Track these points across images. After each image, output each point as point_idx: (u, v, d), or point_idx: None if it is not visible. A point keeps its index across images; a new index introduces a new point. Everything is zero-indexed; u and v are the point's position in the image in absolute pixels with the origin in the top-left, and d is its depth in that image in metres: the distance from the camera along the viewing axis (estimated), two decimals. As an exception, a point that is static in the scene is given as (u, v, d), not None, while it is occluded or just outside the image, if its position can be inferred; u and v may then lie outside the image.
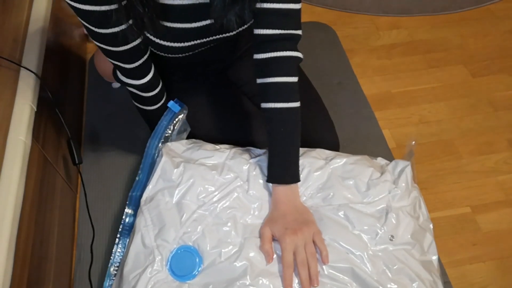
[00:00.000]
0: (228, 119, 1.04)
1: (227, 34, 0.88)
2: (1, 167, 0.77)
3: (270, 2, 0.79)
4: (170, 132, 0.98)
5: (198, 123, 1.02)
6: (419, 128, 1.34)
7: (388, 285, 0.76)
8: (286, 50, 0.82)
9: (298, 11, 0.81)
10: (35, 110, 0.88)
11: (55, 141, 1.03)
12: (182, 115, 0.99)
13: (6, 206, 0.72)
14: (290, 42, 0.83)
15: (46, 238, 0.89)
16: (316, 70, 1.40)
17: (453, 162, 1.27)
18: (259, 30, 0.81)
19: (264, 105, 0.84)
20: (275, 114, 0.83)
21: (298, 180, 0.84)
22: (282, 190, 0.83)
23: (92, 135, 1.25)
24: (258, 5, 0.79)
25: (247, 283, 0.76)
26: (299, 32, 0.83)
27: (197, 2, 0.78)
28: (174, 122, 0.99)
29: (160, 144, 0.96)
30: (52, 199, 0.95)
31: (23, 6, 1.02)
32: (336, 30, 1.58)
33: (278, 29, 0.81)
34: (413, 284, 0.77)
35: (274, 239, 0.81)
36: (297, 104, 0.84)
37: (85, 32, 1.48)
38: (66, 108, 1.14)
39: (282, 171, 0.83)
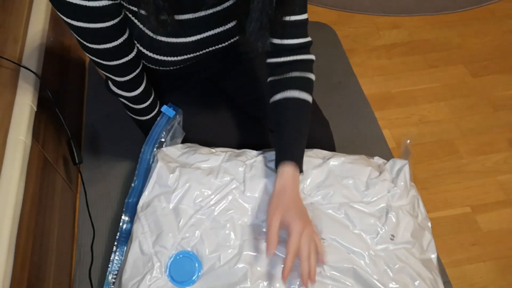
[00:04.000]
0: (222, 124, 1.04)
1: (222, 45, 0.87)
2: (1, 167, 0.77)
3: (292, 15, 0.82)
4: (164, 137, 0.98)
5: (192, 129, 1.02)
6: (419, 128, 1.34)
7: (390, 285, 0.77)
8: (307, 54, 0.88)
9: (308, 20, 0.87)
10: (35, 110, 0.88)
11: (55, 141, 1.03)
12: (177, 119, 0.99)
13: (6, 206, 0.72)
14: (308, 48, 0.89)
15: (46, 238, 0.89)
16: (316, 70, 1.39)
17: (453, 162, 1.27)
18: (282, 40, 0.85)
19: (284, 94, 0.86)
20: (296, 103, 0.86)
21: (302, 171, 0.84)
22: (291, 171, 0.81)
23: (92, 135, 1.25)
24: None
25: (248, 287, 0.75)
26: (310, 38, 0.89)
27: (193, 17, 0.78)
28: (169, 127, 0.98)
29: (155, 150, 0.96)
30: (52, 199, 0.95)
31: (23, 6, 1.02)
32: (336, 30, 1.58)
33: (300, 38, 0.86)
34: (415, 283, 0.78)
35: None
36: (311, 101, 0.88)
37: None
38: (66, 108, 1.14)
39: (293, 150, 0.84)
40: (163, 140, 0.98)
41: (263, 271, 0.78)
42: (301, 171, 0.84)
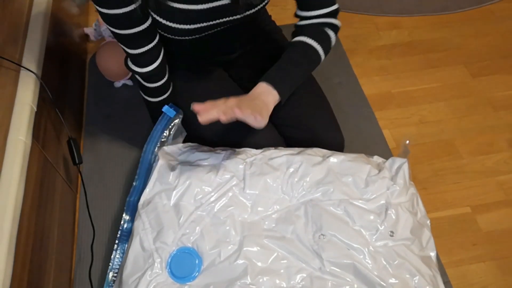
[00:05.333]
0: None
1: (233, 17, 0.89)
2: (1, 167, 0.77)
3: None
4: (165, 136, 0.98)
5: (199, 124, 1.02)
6: (419, 128, 1.34)
7: (389, 280, 0.77)
8: (331, 19, 0.91)
9: None
10: (35, 110, 0.88)
11: (55, 141, 1.03)
12: (178, 119, 0.99)
13: (6, 206, 0.72)
14: (335, 15, 0.92)
15: (46, 238, 0.88)
16: (316, 70, 1.40)
17: (453, 162, 1.27)
18: (308, 12, 0.90)
19: (293, 39, 0.91)
20: (299, 43, 0.89)
21: (284, 98, 0.87)
22: (269, 90, 0.85)
23: (92, 135, 1.25)
24: None
25: (248, 282, 0.76)
26: (337, 5, 0.91)
27: None
28: (170, 126, 0.99)
29: (156, 149, 0.97)
30: (52, 199, 0.95)
31: (23, 6, 1.02)
32: (336, 30, 1.58)
33: (326, 8, 0.89)
34: (414, 279, 0.78)
35: (275, 235, 0.81)
36: (318, 49, 0.90)
37: (85, 32, 1.48)
38: (66, 108, 1.14)
39: (282, 78, 0.87)
40: (164, 140, 0.98)
41: (263, 266, 0.78)
42: (281, 97, 0.86)
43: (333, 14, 0.91)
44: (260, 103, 0.82)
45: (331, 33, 0.92)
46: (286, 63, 0.89)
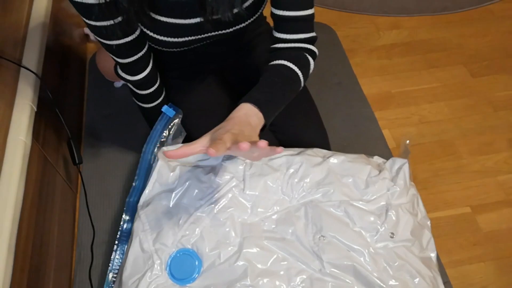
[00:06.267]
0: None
1: (222, 31, 0.88)
2: (1, 167, 0.77)
3: (291, 10, 0.81)
4: (165, 136, 0.98)
5: (196, 124, 1.02)
6: (419, 128, 1.34)
7: (390, 282, 0.77)
8: (308, 45, 0.87)
9: (313, 15, 0.85)
10: (35, 110, 0.88)
11: (55, 141, 1.03)
12: (177, 119, 0.99)
13: (6, 206, 0.72)
14: (312, 43, 0.88)
15: (46, 238, 0.89)
16: (316, 70, 1.40)
17: (453, 162, 1.27)
18: (283, 34, 0.85)
19: (273, 62, 0.84)
20: (280, 66, 0.83)
21: (269, 122, 0.78)
22: (254, 112, 0.75)
23: (92, 135, 1.25)
24: (280, 12, 0.82)
25: (248, 284, 0.76)
26: (314, 33, 0.88)
27: None
28: (169, 126, 0.99)
29: (155, 149, 0.96)
30: (52, 199, 0.95)
31: (23, 6, 1.02)
32: (336, 30, 1.58)
33: (302, 33, 0.85)
34: (414, 280, 0.78)
35: (275, 236, 0.81)
36: (298, 72, 0.84)
37: (85, 32, 1.48)
38: (66, 108, 1.13)
39: (266, 100, 0.77)
40: (164, 140, 0.98)
41: (263, 268, 0.78)
42: (266, 121, 0.75)
43: (310, 41, 0.87)
44: (249, 129, 0.72)
45: (310, 59, 0.87)
46: (269, 85, 0.81)
